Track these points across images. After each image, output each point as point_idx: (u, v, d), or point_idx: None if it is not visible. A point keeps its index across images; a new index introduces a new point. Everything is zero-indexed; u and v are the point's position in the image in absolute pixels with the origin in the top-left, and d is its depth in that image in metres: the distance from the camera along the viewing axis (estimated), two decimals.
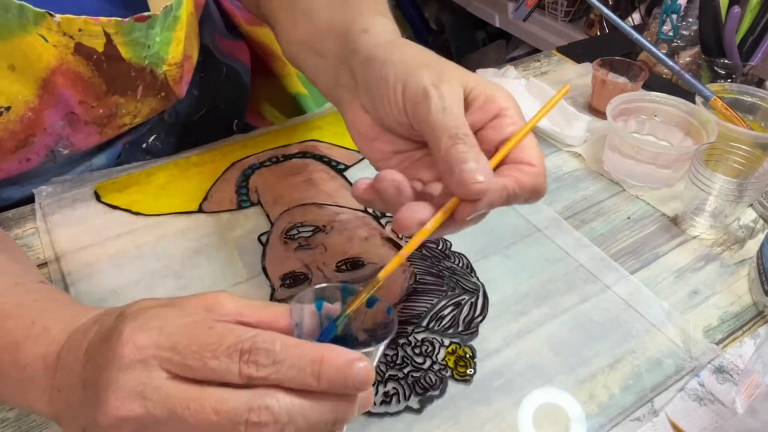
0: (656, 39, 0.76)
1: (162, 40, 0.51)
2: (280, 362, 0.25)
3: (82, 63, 0.46)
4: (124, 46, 0.48)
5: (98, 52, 0.47)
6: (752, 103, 0.62)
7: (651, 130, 0.63)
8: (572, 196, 0.57)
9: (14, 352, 0.31)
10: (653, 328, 0.45)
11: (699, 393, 0.41)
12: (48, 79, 0.46)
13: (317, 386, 0.25)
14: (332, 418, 0.26)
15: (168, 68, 0.53)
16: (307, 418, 0.25)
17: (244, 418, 0.24)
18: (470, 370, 0.41)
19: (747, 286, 0.49)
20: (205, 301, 0.28)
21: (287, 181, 0.56)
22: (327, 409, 0.26)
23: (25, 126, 0.47)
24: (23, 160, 0.50)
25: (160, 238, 0.51)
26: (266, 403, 0.24)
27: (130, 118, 0.54)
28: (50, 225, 0.51)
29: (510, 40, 1.93)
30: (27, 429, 0.38)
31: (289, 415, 0.25)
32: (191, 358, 0.25)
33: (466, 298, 0.46)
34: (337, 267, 0.48)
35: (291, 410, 0.25)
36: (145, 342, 0.25)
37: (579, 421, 0.39)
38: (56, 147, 0.51)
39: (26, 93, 0.46)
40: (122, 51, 0.48)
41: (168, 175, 0.57)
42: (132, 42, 0.48)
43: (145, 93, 0.53)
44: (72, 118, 0.50)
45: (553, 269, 0.49)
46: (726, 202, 0.50)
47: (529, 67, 0.78)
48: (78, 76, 0.47)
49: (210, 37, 0.65)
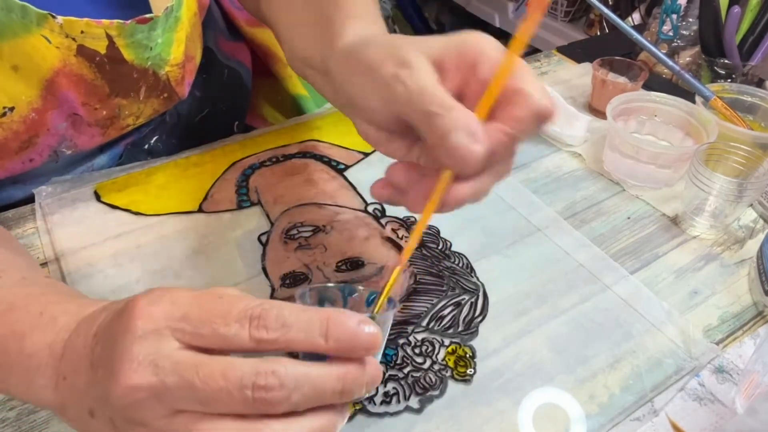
0: (656, 39, 0.76)
1: (164, 42, 0.51)
2: (289, 325, 0.25)
3: (85, 65, 0.46)
4: (126, 48, 0.48)
5: (101, 54, 0.47)
6: (752, 103, 0.62)
7: (651, 130, 0.63)
8: (572, 196, 0.57)
9: (21, 341, 0.31)
10: (653, 328, 0.45)
11: (699, 393, 0.41)
12: (51, 80, 0.46)
13: (325, 346, 0.26)
14: (339, 387, 0.26)
15: (170, 69, 0.53)
16: (314, 385, 0.25)
17: (251, 381, 0.24)
18: (470, 370, 0.41)
19: (747, 286, 0.49)
20: None
21: (287, 181, 0.56)
22: (334, 377, 0.26)
23: (29, 127, 0.47)
24: (26, 161, 0.50)
25: (160, 238, 0.51)
26: (273, 368, 0.25)
27: (132, 119, 0.54)
28: (50, 225, 0.51)
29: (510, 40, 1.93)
30: (27, 429, 0.38)
31: (296, 380, 0.25)
32: (202, 326, 0.26)
33: (466, 298, 0.46)
34: (337, 267, 0.48)
35: (298, 376, 0.25)
36: (157, 313, 0.26)
37: (579, 421, 0.39)
38: (59, 148, 0.51)
39: (30, 94, 0.46)
40: (125, 53, 0.48)
41: (168, 175, 0.57)
42: (134, 44, 0.48)
43: (147, 94, 0.53)
44: (75, 119, 0.50)
45: (553, 269, 0.49)
46: (726, 202, 0.50)
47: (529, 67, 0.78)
48: (81, 78, 0.47)
49: (213, 39, 0.65)
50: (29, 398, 0.32)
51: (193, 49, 0.57)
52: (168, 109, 0.59)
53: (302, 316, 0.26)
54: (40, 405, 0.37)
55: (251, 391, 0.24)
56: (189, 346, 0.26)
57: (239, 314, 0.26)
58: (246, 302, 0.26)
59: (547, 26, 1.68)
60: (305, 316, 0.26)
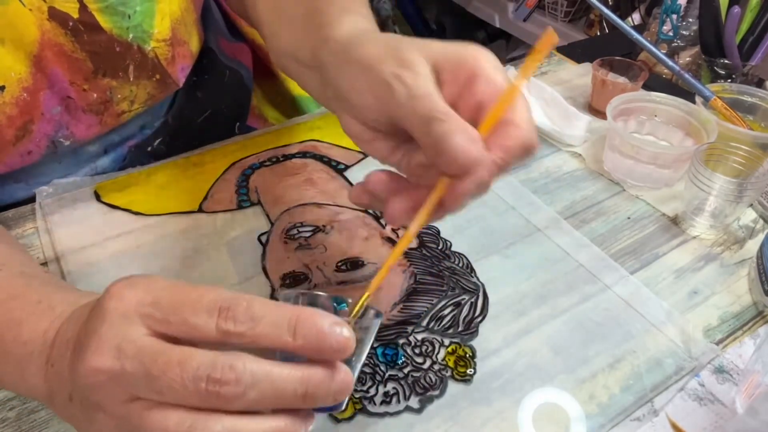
0: (656, 39, 0.76)
1: (143, 11, 0.50)
2: (257, 319, 0.25)
3: (60, 32, 0.46)
4: (100, 13, 0.47)
5: (73, 18, 0.46)
6: (752, 103, 0.62)
7: (651, 130, 0.63)
8: (572, 196, 0.57)
9: (18, 328, 0.31)
10: (653, 328, 0.45)
11: (699, 393, 0.41)
12: (38, 55, 0.46)
13: (293, 344, 0.25)
14: (302, 390, 0.25)
15: (156, 45, 0.52)
16: (273, 384, 0.25)
17: (206, 374, 0.24)
18: (470, 370, 0.41)
19: (747, 286, 0.49)
20: None
21: (287, 181, 0.56)
22: (297, 379, 0.25)
23: (22, 110, 0.47)
24: (24, 154, 0.50)
25: (160, 238, 0.51)
26: (231, 362, 0.24)
27: (127, 104, 0.53)
28: (50, 225, 0.51)
29: (510, 40, 1.93)
30: (27, 429, 0.38)
31: (253, 377, 0.24)
32: (171, 313, 0.25)
33: (466, 298, 0.46)
34: (337, 267, 0.48)
35: (256, 373, 0.24)
36: (129, 297, 0.26)
37: (579, 421, 0.39)
38: (56, 137, 0.51)
39: (19, 69, 0.46)
40: (99, 19, 0.48)
41: (168, 175, 0.57)
42: (109, 10, 0.48)
43: (137, 74, 0.52)
44: (69, 103, 0.50)
45: (553, 269, 0.49)
46: (726, 202, 0.50)
47: None
48: (61, 50, 0.47)
49: (214, 40, 0.65)
50: (21, 387, 0.32)
51: (186, 33, 0.57)
52: (165, 96, 0.58)
53: (273, 311, 0.25)
54: (31, 396, 0.37)
55: (205, 383, 0.24)
56: (156, 332, 0.25)
57: (209, 304, 0.25)
58: (218, 293, 0.26)
59: (547, 26, 1.68)
60: (276, 312, 0.25)
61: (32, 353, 0.30)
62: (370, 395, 0.39)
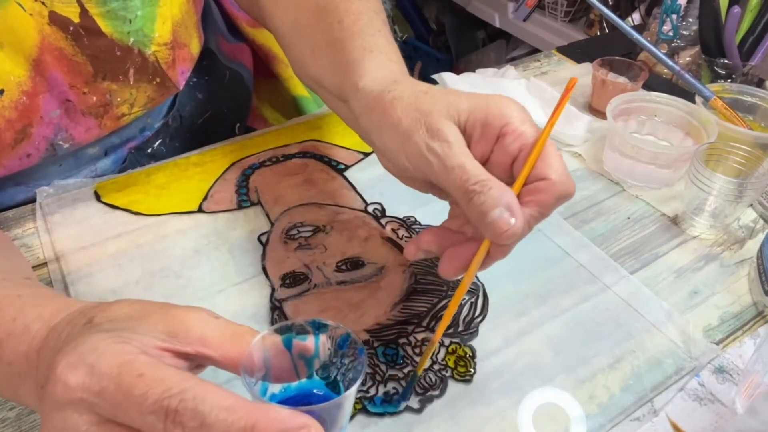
0: (656, 39, 0.76)
1: (144, 15, 0.50)
2: (207, 426, 0.23)
3: (61, 37, 0.46)
4: (101, 17, 0.47)
5: (74, 23, 0.46)
6: (752, 103, 0.62)
7: (651, 130, 0.63)
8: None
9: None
10: (653, 328, 0.45)
11: (699, 393, 0.41)
12: (38, 59, 0.46)
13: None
14: None
15: (157, 49, 0.52)
16: None
17: None
18: (470, 370, 0.41)
19: (747, 286, 0.49)
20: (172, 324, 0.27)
21: (287, 181, 0.56)
22: None
23: (21, 113, 0.47)
24: (24, 156, 0.50)
25: (160, 238, 0.51)
26: None
27: (127, 107, 0.53)
28: (50, 225, 0.51)
29: (510, 40, 1.93)
30: (27, 429, 0.38)
31: None
32: (117, 410, 0.24)
33: (466, 298, 0.46)
34: (337, 267, 0.48)
35: None
36: (74, 383, 0.25)
37: (579, 421, 0.39)
38: (56, 140, 0.51)
39: (18, 73, 0.45)
40: (101, 24, 0.47)
41: (168, 175, 0.57)
42: (110, 14, 0.47)
43: (137, 78, 0.52)
44: (68, 106, 0.50)
45: (553, 269, 0.49)
46: (726, 202, 0.50)
47: (529, 67, 0.78)
48: (61, 54, 0.47)
49: (214, 41, 0.65)
50: (19, 402, 0.32)
51: (186, 36, 0.56)
52: (164, 99, 0.58)
53: (225, 416, 0.23)
54: (31, 408, 0.37)
55: None
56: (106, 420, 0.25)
57: (155, 405, 0.23)
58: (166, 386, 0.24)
59: (547, 26, 1.68)
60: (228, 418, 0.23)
61: (20, 374, 0.30)
62: (370, 395, 0.39)
